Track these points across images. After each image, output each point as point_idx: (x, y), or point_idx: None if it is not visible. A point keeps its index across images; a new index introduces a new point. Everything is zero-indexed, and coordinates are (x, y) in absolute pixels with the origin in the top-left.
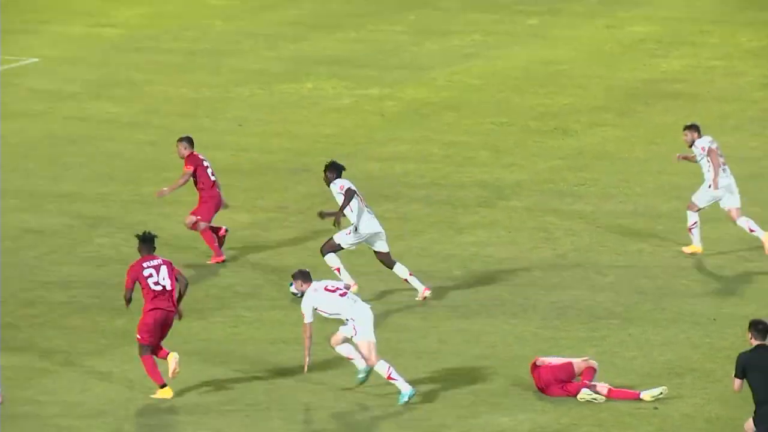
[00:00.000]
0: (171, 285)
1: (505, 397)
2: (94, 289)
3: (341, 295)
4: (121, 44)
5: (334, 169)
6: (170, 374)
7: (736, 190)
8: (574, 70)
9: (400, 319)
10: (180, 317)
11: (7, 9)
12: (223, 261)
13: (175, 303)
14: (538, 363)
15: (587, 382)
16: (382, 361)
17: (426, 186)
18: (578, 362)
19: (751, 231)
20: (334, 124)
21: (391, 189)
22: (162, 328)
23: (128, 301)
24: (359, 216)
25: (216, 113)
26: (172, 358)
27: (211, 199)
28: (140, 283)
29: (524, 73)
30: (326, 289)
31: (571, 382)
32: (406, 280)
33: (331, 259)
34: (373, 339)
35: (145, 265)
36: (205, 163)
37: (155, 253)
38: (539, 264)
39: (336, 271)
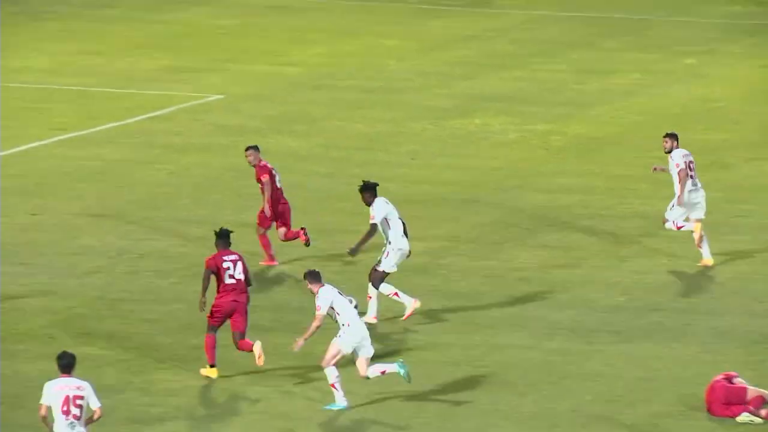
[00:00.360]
0: (244, 278)
1: (666, 417)
2: (275, 312)
3: (352, 304)
4: (301, 82)
5: (369, 189)
6: (258, 361)
7: (704, 203)
8: (730, 107)
9: (565, 343)
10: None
11: (197, 50)
12: (275, 264)
13: (247, 292)
14: (734, 381)
15: (752, 408)
16: (333, 367)
17: (590, 216)
18: (753, 390)
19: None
20: (501, 158)
21: (556, 219)
22: (233, 315)
23: (205, 289)
24: (396, 233)
25: (390, 147)
26: (257, 347)
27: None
28: (217, 274)
29: (683, 109)
30: (339, 294)
31: (738, 405)
32: (396, 293)
33: (386, 288)
34: (346, 352)
35: (224, 258)
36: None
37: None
38: (698, 291)
39: (395, 296)
